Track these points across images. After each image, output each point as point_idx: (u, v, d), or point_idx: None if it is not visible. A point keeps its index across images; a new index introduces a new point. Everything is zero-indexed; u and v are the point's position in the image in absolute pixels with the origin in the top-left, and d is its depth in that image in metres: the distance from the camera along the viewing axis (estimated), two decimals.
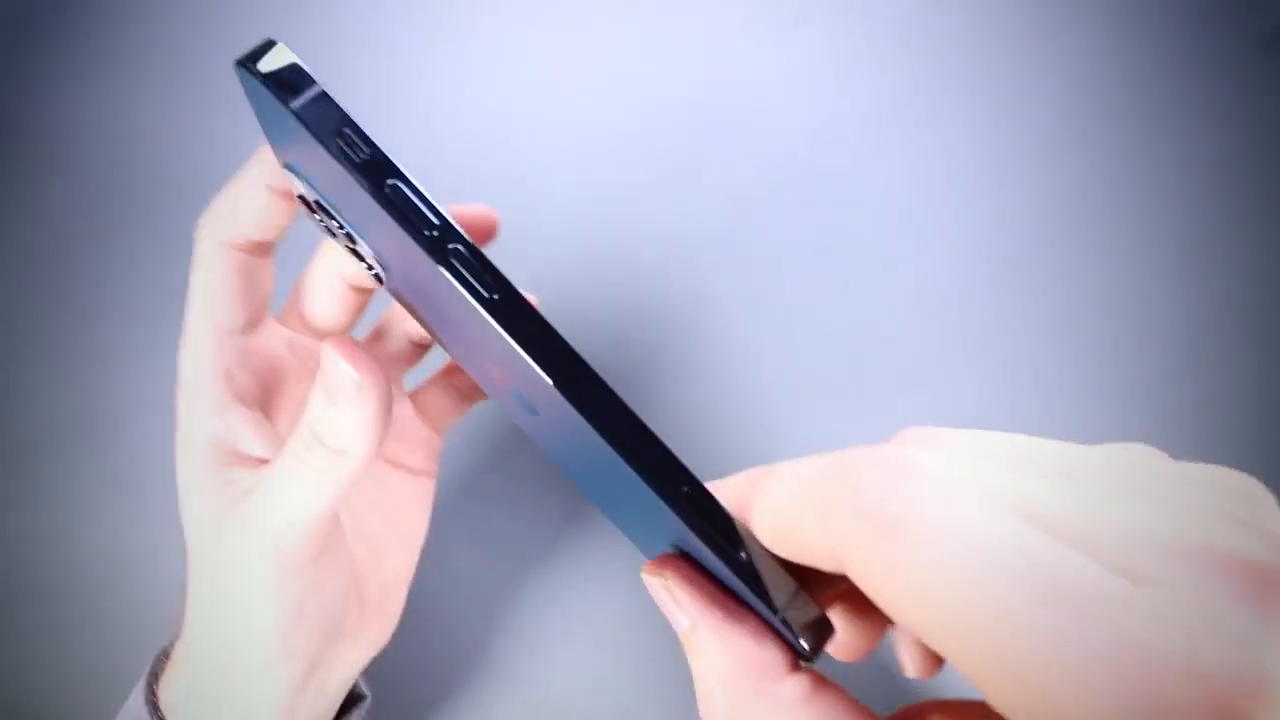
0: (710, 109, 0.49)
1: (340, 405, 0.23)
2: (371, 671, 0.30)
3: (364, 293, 0.28)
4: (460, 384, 0.32)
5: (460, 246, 0.18)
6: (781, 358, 0.42)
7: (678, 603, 0.19)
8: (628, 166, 0.47)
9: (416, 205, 0.18)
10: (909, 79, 0.49)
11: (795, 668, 0.18)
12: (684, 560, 0.20)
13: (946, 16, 0.51)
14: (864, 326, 0.43)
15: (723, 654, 0.18)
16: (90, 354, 0.42)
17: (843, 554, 0.16)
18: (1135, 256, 0.45)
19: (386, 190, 0.18)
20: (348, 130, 0.18)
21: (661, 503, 0.17)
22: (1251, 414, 0.41)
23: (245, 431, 0.25)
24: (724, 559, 0.18)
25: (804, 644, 0.18)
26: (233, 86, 0.21)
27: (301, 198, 0.23)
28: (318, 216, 0.23)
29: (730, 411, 0.41)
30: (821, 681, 0.18)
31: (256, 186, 0.24)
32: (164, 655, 0.28)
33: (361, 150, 0.18)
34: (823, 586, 0.19)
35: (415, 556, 0.30)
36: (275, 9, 0.51)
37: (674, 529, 0.18)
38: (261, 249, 0.26)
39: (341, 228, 0.22)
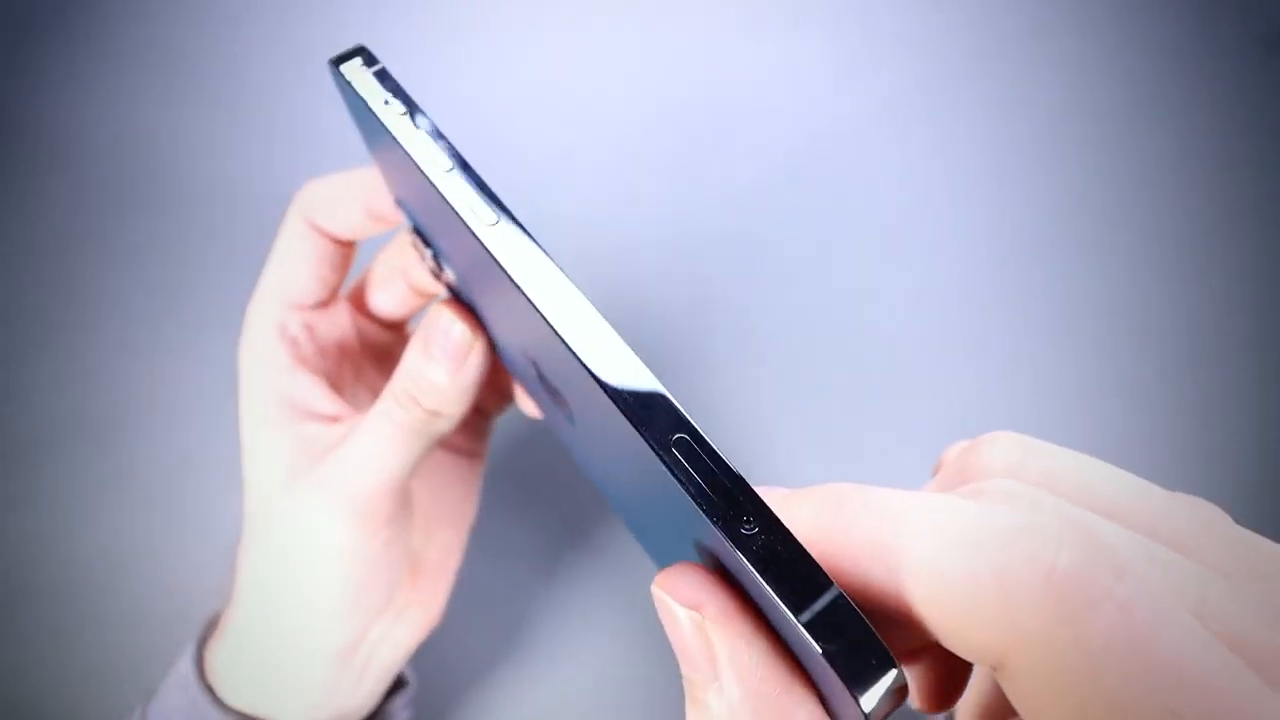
0: (710, 109, 0.49)
1: (444, 365, 0.23)
2: (415, 659, 0.30)
3: (425, 295, 0.29)
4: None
5: (467, 172, 0.19)
6: (782, 357, 0.42)
7: (701, 650, 0.14)
8: (628, 166, 0.47)
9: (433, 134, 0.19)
10: (909, 79, 0.49)
11: None
12: (723, 587, 0.15)
13: (946, 16, 0.51)
14: (864, 326, 0.43)
15: None
16: (90, 354, 0.42)
17: (1015, 651, 0.12)
18: (1135, 256, 0.45)
19: (416, 120, 0.19)
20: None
21: (723, 540, 0.14)
22: (1251, 414, 0.41)
23: (316, 391, 0.26)
24: (793, 609, 0.13)
25: (865, 708, 0.13)
26: (233, 86, 0.21)
27: (416, 232, 0.25)
28: (425, 250, 0.25)
29: (730, 411, 0.41)
30: None
31: (355, 196, 0.25)
32: (213, 621, 0.28)
33: (403, 106, 0.19)
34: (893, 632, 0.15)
35: (465, 536, 0.31)
36: (275, 9, 0.51)
37: (714, 549, 0.15)
38: (344, 243, 0.27)
39: (431, 250, 0.23)
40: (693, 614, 0.14)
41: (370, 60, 0.20)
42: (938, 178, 0.47)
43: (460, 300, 0.25)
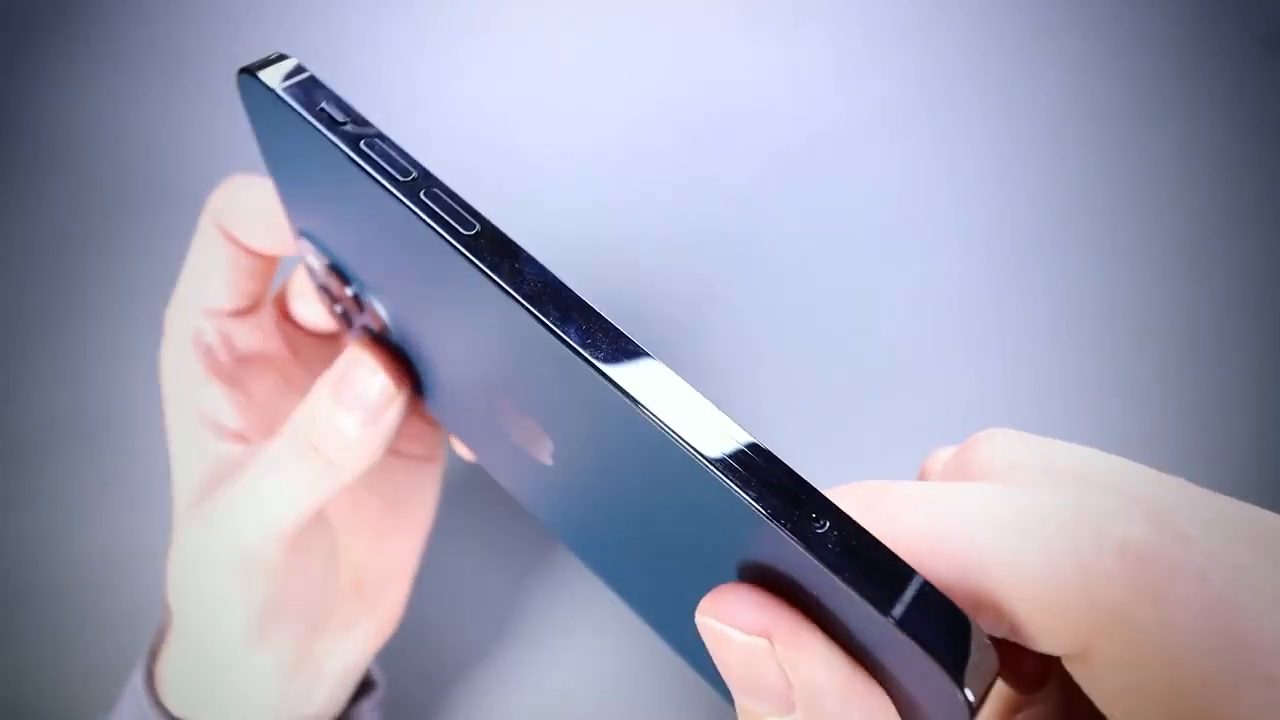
0: (710, 109, 0.49)
1: (356, 416, 0.21)
2: (386, 662, 0.30)
3: None
4: None
5: (439, 190, 0.17)
6: (782, 357, 0.42)
7: (769, 678, 0.13)
8: (628, 166, 0.47)
9: (392, 154, 0.17)
10: (909, 79, 0.49)
11: None
12: (786, 605, 0.13)
13: (946, 16, 0.51)
14: (864, 326, 0.43)
15: None
16: (90, 354, 0.42)
17: (1100, 634, 0.12)
18: (1135, 256, 0.45)
19: (363, 143, 0.17)
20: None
21: (794, 543, 0.13)
22: (1251, 414, 0.41)
23: (226, 404, 0.24)
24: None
25: (970, 696, 0.12)
26: (232, 86, 0.21)
27: (319, 282, 0.22)
28: (333, 298, 0.22)
29: (730, 412, 0.41)
30: None
31: (278, 209, 0.23)
32: (161, 632, 0.28)
33: (343, 117, 0.17)
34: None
35: (419, 544, 0.29)
36: (274, 9, 0.51)
37: (729, 527, 0.14)
38: (264, 256, 0.25)
39: (355, 294, 0.21)
40: (758, 640, 0.13)
41: (296, 68, 0.18)
42: (938, 178, 0.47)
43: (382, 341, 0.23)
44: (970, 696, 0.12)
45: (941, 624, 0.12)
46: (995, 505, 0.13)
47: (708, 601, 0.14)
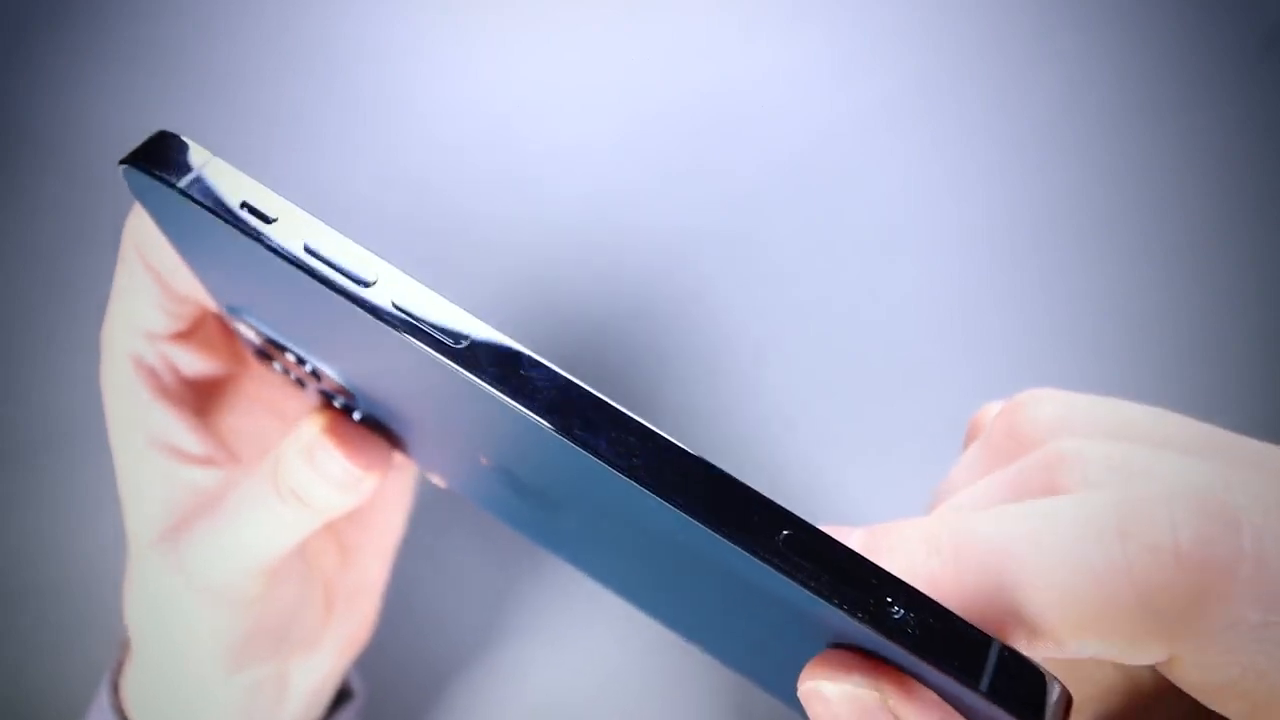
0: (710, 109, 0.49)
1: (332, 490, 0.20)
2: (370, 669, 0.30)
3: None
4: None
5: (406, 292, 0.14)
6: (782, 357, 0.42)
7: None
8: (628, 167, 0.47)
9: (344, 254, 0.15)
10: (909, 78, 0.49)
11: None
12: (863, 658, 0.14)
13: (946, 16, 0.51)
14: (864, 326, 0.43)
15: None
16: (90, 354, 0.42)
17: (1176, 645, 0.12)
18: (1135, 256, 0.45)
19: (308, 247, 0.15)
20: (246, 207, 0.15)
21: (762, 566, 0.13)
22: (1251, 414, 0.41)
23: (181, 428, 0.23)
24: (884, 631, 0.12)
25: None
26: (232, 87, 0.21)
27: (256, 347, 0.20)
28: (275, 363, 0.20)
29: (731, 412, 0.41)
30: None
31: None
32: (125, 644, 0.27)
33: (268, 215, 0.15)
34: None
35: (389, 558, 0.29)
36: (274, 9, 0.51)
37: (813, 616, 0.13)
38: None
39: (303, 362, 0.19)
40: (872, 693, 0.13)
41: (189, 153, 0.16)
42: (937, 177, 0.47)
43: (342, 403, 0.21)
44: None
45: (1023, 685, 0.12)
46: (1046, 535, 0.13)
47: (813, 669, 0.14)
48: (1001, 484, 0.16)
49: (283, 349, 0.20)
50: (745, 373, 0.42)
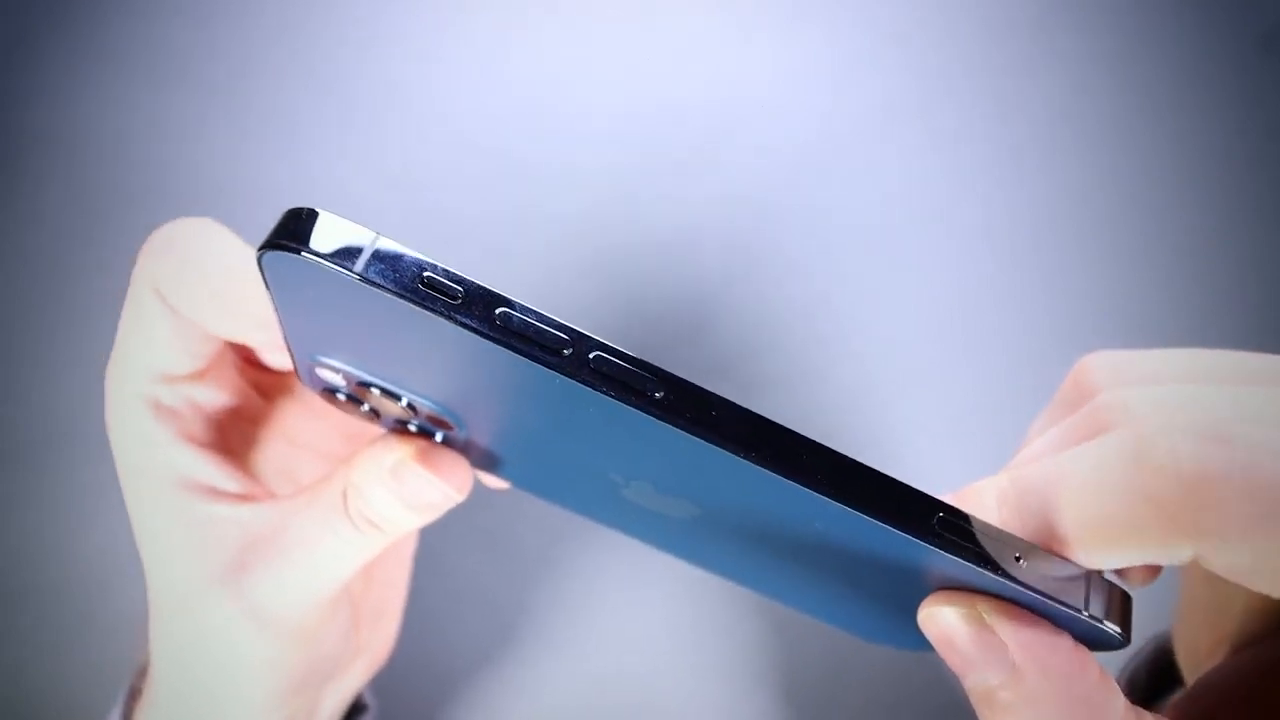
0: (710, 109, 0.49)
1: (419, 516, 0.21)
2: (379, 681, 0.30)
3: None
4: None
5: (603, 352, 0.15)
6: (782, 357, 0.42)
7: (991, 645, 0.16)
8: (628, 167, 0.47)
9: (537, 325, 0.15)
10: (908, 79, 0.49)
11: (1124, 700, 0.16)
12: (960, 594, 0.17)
13: (946, 16, 0.51)
14: (864, 325, 0.43)
15: (1057, 704, 0.16)
16: (90, 354, 0.42)
17: (1203, 539, 0.15)
18: (1135, 256, 0.45)
19: (498, 319, 0.15)
20: (430, 274, 0.15)
21: (924, 545, 0.15)
22: None
23: (212, 467, 0.22)
24: (1010, 578, 0.15)
25: (1116, 631, 0.16)
26: (232, 87, 0.21)
27: (333, 390, 0.20)
28: (365, 405, 0.20)
29: None
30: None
31: (232, 292, 0.20)
32: (143, 670, 0.26)
33: (454, 289, 0.15)
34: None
35: (407, 573, 0.28)
36: (274, 9, 0.51)
37: (934, 569, 0.16)
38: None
39: (397, 398, 0.19)
40: (971, 612, 0.16)
41: (353, 234, 0.15)
42: (936, 177, 0.47)
43: (420, 429, 0.21)
44: (1122, 636, 0.16)
45: (1113, 603, 0.16)
46: (1078, 475, 0.16)
47: (932, 601, 0.17)
48: (1060, 435, 0.19)
49: (370, 386, 0.20)
50: (744, 372, 0.42)
